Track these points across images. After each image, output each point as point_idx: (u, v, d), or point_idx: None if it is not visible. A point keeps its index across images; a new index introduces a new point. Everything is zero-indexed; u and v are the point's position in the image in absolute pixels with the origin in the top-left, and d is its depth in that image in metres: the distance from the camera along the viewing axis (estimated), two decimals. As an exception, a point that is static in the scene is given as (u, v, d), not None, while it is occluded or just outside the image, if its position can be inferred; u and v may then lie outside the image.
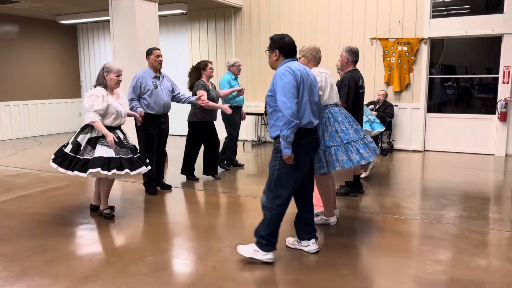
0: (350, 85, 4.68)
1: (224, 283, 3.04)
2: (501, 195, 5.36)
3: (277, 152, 3.25)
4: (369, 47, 8.48)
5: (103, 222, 4.37)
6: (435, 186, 5.69)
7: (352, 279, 3.07)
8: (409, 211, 4.65)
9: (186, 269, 3.32)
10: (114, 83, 4.31)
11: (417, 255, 3.50)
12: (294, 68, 3.19)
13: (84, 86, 12.22)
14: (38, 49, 11.06)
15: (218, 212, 4.76)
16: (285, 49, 3.30)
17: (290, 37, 3.39)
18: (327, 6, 8.76)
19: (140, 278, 3.14)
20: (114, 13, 6.91)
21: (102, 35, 11.77)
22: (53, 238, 3.94)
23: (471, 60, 8.31)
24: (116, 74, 4.28)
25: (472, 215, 4.47)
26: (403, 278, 3.08)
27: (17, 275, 3.19)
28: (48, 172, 6.68)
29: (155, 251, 3.64)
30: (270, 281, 3.10)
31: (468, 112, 8.19)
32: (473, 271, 3.20)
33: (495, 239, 3.85)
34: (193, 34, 10.35)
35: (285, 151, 3.11)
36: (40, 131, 11.17)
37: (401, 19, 8.16)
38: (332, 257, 3.45)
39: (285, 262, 3.38)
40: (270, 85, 3.24)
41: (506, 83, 7.58)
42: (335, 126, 3.92)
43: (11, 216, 4.56)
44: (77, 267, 3.32)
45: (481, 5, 7.85)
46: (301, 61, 4.00)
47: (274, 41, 3.36)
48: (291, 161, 3.16)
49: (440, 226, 4.14)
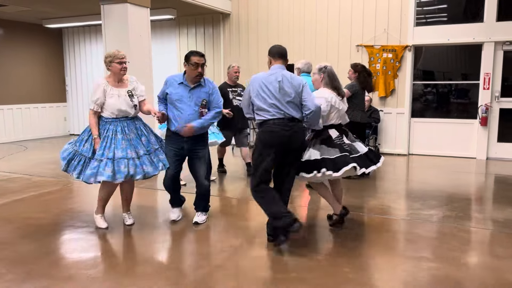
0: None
1: (229, 282, 3.14)
2: (484, 196, 5.61)
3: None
4: (355, 53, 8.71)
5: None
6: (422, 188, 5.91)
7: (354, 276, 3.21)
8: (399, 212, 4.83)
9: (191, 269, 3.40)
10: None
11: (411, 252, 3.66)
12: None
13: (70, 90, 12.14)
14: (23, 53, 10.96)
15: (214, 214, 4.85)
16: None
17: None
18: (314, 14, 8.97)
19: (147, 278, 3.22)
20: (106, 18, 6.95)
21: (88, 40, 11.74)
22: (54, 241, 3.98)
23: (448, 66, 8.61)
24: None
25: (459, 215, 4.67)
26: (400, 274, 3.24)
27: (22, 278, 3.23)
28: (39, 176, 6.66)
29: (157, 252, 3.72)
30: (272, 279, 3.21)
31: (450, 116, 8.48)
32: (464, 267, 3.39)
33: (482, 237, 4.06)
34: (182, 39, 10.43)
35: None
36: (25, 135, 11.05)
37: (386, 27, 8.42)
38: (333, 257, 3.60)
39: (287, 261, 3.51)
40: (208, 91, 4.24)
41: (486, 89, 7.90)
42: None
43: (8, 220, 4.56)
44: (82, 269, 3.38)
45: (462, 14, 8.16)
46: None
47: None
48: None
49: (430, 226, 4.33)
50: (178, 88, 4.18)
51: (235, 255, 3.61)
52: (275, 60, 3.83)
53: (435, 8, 8.34)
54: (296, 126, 3.70)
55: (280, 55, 3.83)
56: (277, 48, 3.87)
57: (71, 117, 12.25)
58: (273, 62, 3.84)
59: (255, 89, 3.74)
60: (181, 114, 4.15)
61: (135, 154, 4.05)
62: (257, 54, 9.50)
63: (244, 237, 4.01)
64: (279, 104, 3.64)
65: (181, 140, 4.22)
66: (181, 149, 4.27)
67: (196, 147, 4.29)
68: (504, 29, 7.67)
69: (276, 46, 3.91)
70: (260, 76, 3.77)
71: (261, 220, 4.12)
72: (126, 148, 4.03)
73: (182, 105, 4.16)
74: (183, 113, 4.15)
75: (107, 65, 4.15)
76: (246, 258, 3.53)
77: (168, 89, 4.23)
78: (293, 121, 3.68)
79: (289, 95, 3.65)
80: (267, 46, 9.83)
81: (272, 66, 3.83)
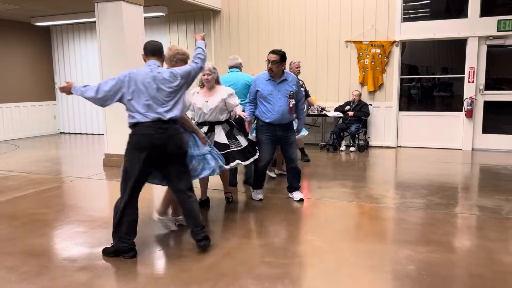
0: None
1: (239, 267, 3.29)
2: (472, 184, 5.88)
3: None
4: (344, 49, 8.91)
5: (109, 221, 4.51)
6: (412, 178, 6.14)
7: (355, 260, 3.40)
8: (393, 200, 5.04)
9: (200, 256, 3.53)
10: (204, 81, 4.57)
11: (410, 238, 3.86)
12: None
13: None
14: (12, 51, 10.89)
15: (216, 207, 4.99)
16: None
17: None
18: (304, 11, 9.14)
19: (158, 267, 3.35)
20: (101, 16, 7.00)
21: (77, 37, 11.71)
22: (62, 235, 4.07)
23: (431, 61, 8.88)
24: (202, 73, 4.46)
25: (450, 202, 4.91)
26: (400, 258, 3.43)
27: (37, 270, 3.32)
28: (36, 174, 6.70)
29: (167, 243, 3.85)
30: (277, 263, 3.38)
31: (436, 109, 8.76)
32: (458, 249, 3.61)
33: (474, 222, 4.29)
34: (172, 36, 10.49)
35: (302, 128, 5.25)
36: (15, 134, 11.00)
37: (374, 23, 8.64)
38: (336, 242, 3.78)
39: (289, 245, 3.68)
40: (293, 85, 4.80)
41: (471, 82, 8.18)
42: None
43: (14, 216, 4.63)
44: (97, 260, 3.49)
45: (447, 10, 8.43)
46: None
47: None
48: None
49: (423, 213, 4.55)
50: (267, 85, 4.75)
51: (240, 244, 3.76)
52: (148, 58, 3.53)
53: (421, 4, 8.59)
54: (172, 128, 3.46)
55: (153, 52, 3.52)
56: (151, 45, 3.55)
57: (60, 116, 12.21)
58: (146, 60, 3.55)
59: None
60: (273, 106, 4.72)
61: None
62: (247, 51, 9.62)
63: (244, 229, 4.16)
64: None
65: (275, 129, 4.80)
66: (274, 136, 4.81)
67: (287, 133, 4.88)
68: (487, 24, 7.95)
69: (150, 43, 3.57)
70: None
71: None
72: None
73: (273, 98, 4.72)
74: (275, 105, 4.71)
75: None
76: (252, 246, 3.67)
77: (258, 86, 4.77)
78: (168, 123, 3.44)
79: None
80: (257, 43, 10.04)
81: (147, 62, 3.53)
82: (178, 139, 3.50)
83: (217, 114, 4.56)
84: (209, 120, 4.60)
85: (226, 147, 4.52)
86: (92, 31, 11.43)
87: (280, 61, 4.67)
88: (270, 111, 4.74)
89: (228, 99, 4.56)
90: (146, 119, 3.37)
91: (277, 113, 4.72)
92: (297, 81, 4.94)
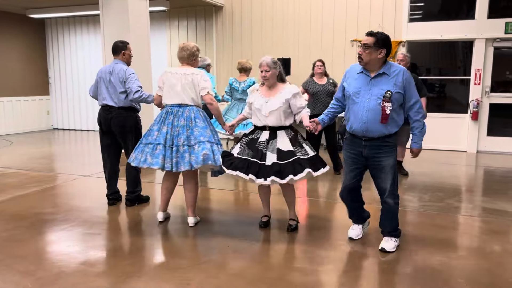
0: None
1: (267, 273, 3.15)
2: (486, 187, 5.82)
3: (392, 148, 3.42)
4: (350, 48, 8.81)
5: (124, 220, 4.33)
6: (423, 181, 6.06)
7: (387, 266, 3.28)
8: (412, 204, 4.94)
9: (225, 262, 3.38)
10: (262, 78, 3.92)
11: (438, 243, 3.76)
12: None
13: (53, 83, 11.77)
14: (4, 44, 10.55)
15: (234, 209, 4.83)
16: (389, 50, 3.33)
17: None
18: (309, 8, 9.01)
19: (183, 272, 3.18)
20: (105, 9, 6.77)
21: (73, 31, 11.40)
22: (75, 238, 3.87)
23: (434, 62, 8.83)
24: (260, 69, 3.90)
25: (469, 205, 4.83)
26: (434, 264, 3.33)
27: (55, 274, 3.13)
28: (36, 171, 6.45)
29: (189, 247, 3.68)
30: (306, 270, 3.24)
31: (441, 111, 8.71)
32: (491, 255, 3.51)
33: (498, 227, 4.20)
34: (172, 32, 10.27)
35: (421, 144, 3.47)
36: (7, 129, 10.67)
37: (381, 22, 8.55)
38: (364, 247, 3.66)
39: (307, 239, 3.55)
40: (397, 82, 3.28)
41: (477, 84, 8.15)
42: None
43: (21, 216, 4.40)
44: (116, 264, 3.31)
45: (455, 11, 8.38)
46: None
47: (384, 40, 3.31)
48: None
49: (446, 216, 4.45)
50: (357, 79, 3.41)
51: (264, 249, 3.61)
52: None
53: (428, 4, 8.52)
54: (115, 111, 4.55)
55: (113, 52, 4.63)
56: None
57: (54, 111, 11.89)
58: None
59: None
60: (358, 110, 3.37)
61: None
62: (250, 47, 9.46)
63: (263, 233, 4.02)
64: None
65: (359, 143, 3.45)
66: (359, 155, 3.50)
67: (378, 153, 3.40)
68: (494, 26, 7.92)
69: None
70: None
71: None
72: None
73: (360, 98, 3.37)
74: (359, 107, 3.37)
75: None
76: (275, 252, 3.53)
77: (346, 81, 3.51)
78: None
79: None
80: (260, 40, 9.87)
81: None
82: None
83: (280, 117, 3.78)
84: (270, 125, 3.82)
85: (291, 154, 3.69)
86: (88, 25, 11.14)
87: (375, 45, 3.26)
88: (353, 117, 3.44)
89: (292, 100, 3.78)
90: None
91: (361, 121, 3.35)
92: (407, 78, 3.30)
